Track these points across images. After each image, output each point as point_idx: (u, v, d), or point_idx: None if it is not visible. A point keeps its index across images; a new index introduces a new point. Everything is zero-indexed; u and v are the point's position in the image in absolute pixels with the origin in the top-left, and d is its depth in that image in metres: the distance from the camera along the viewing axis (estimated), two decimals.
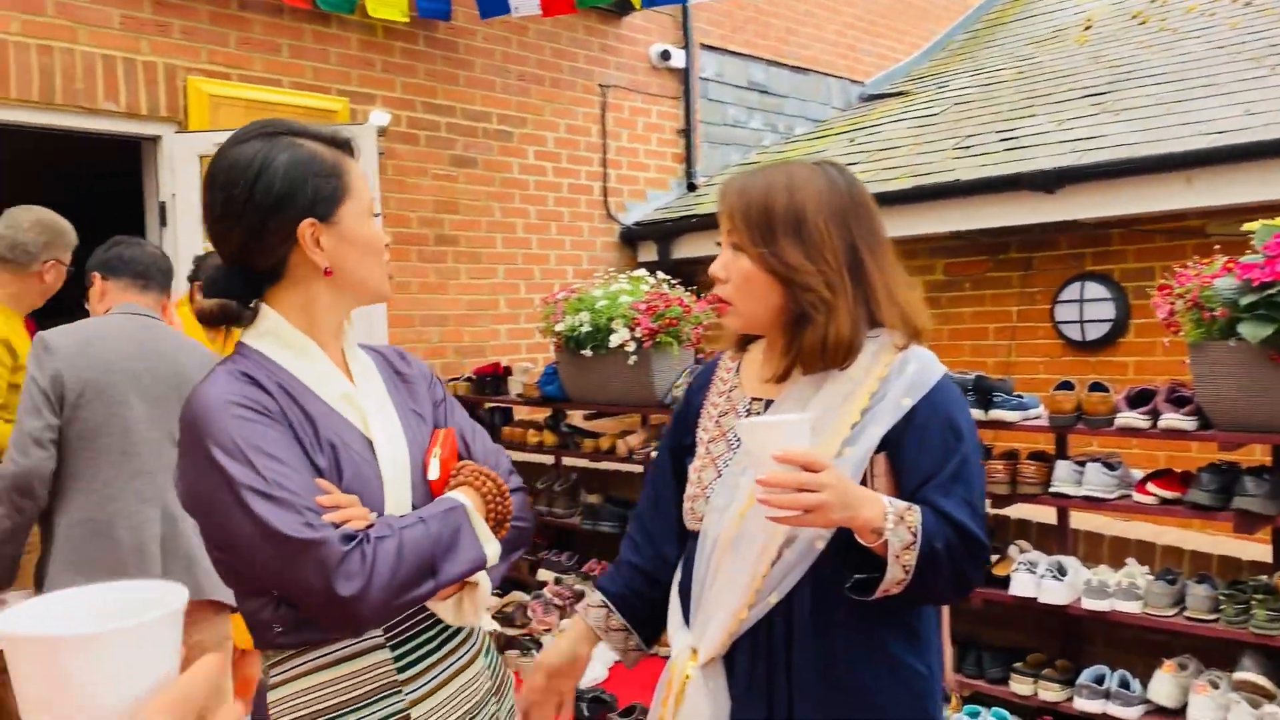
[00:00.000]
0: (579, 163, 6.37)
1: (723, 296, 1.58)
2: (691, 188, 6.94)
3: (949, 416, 1.52)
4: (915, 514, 1.43)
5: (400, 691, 1.37)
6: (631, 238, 6.60)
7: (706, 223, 6.08)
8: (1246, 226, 2.87)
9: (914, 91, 7.79)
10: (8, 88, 4.14)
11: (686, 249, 6.36)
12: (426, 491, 1.42)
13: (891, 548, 1.41)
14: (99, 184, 6.52)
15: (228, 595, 2.63)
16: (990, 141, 5.72)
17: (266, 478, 1.24)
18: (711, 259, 1.62)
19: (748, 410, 1.63)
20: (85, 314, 2.79)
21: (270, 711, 1.35)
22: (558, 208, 6.24)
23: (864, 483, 1.50)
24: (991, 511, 3.65)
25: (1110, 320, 5.11)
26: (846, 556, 1.46)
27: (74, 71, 4.33)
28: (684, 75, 6.95)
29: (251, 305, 1.42)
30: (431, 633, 1.42)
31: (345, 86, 5.21)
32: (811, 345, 1.51)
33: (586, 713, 3.55)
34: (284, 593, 1.29)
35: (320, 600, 1.23)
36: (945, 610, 1.74)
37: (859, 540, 1.43)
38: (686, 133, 6.98)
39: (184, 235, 4.55)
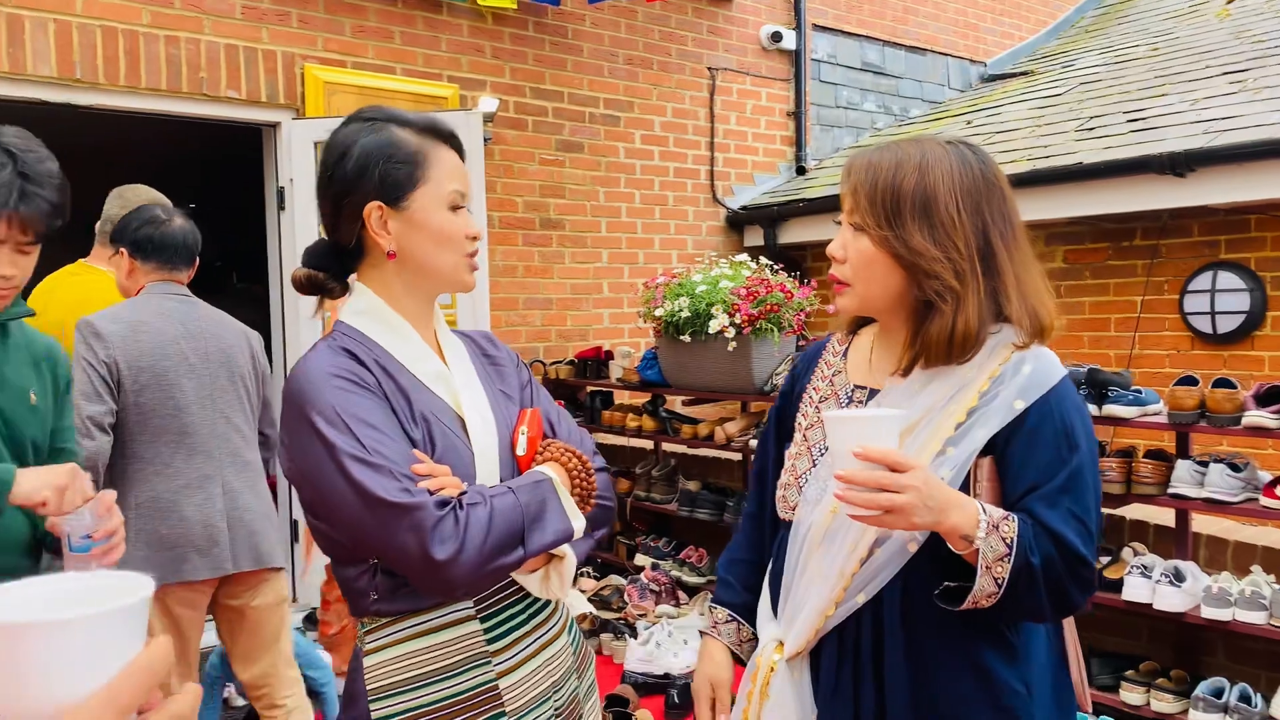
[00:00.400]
0: (686, 146, 6.32)
1: (840, 277, 1.50)
2: (801, 171, 6.82)
3: (1064, 423, 1.41)
4: (1012, 523, 1.34)
5: (490, 662, 1.40)
6: (738, 222, 6.53)
7: (814, 206, 5.97)
8: None
9: (1038, 71, 7.47)
10: (138, 77, 4.35)
11: (794, 233, 6.25)
12: (514, 467, 1.46)
13: (983, 558, 1.33)
14: (220, 170, 6.81)
15: (281, 561, 2.76)
16: (1116, 122, 5.43)
17: (366, 445, 1.28)
18: (819, 243, 1.59)
19: (849, 398, 1.57)
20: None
21: (365, 677, 1.39)
22: (663, 192, 6.22)
23: (965, 487, 1.41)
24: (1104, 511, 3.48)
25: (1245, 312, 4.80)
26: (941, 561, 1.39)
27: (198, 61, 4.51)
28: (795, 57, 6.82)
29: (346, 280, 1.50)
30: (519, 606, 1.45)
31: (455, 73, 5.29)
32: (939, 337, 1.42)
33: (677, 699, 3.54)
34: (382, 557, 1.33)
35: (417, 563, 1.26)
36: (1069, 625, 1.62)
37: (949, 545, 1.36)
38: (797, 115, 6.85)
39: (300, 219, 4.70)
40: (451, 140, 1.47)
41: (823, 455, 1.53)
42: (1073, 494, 1.38)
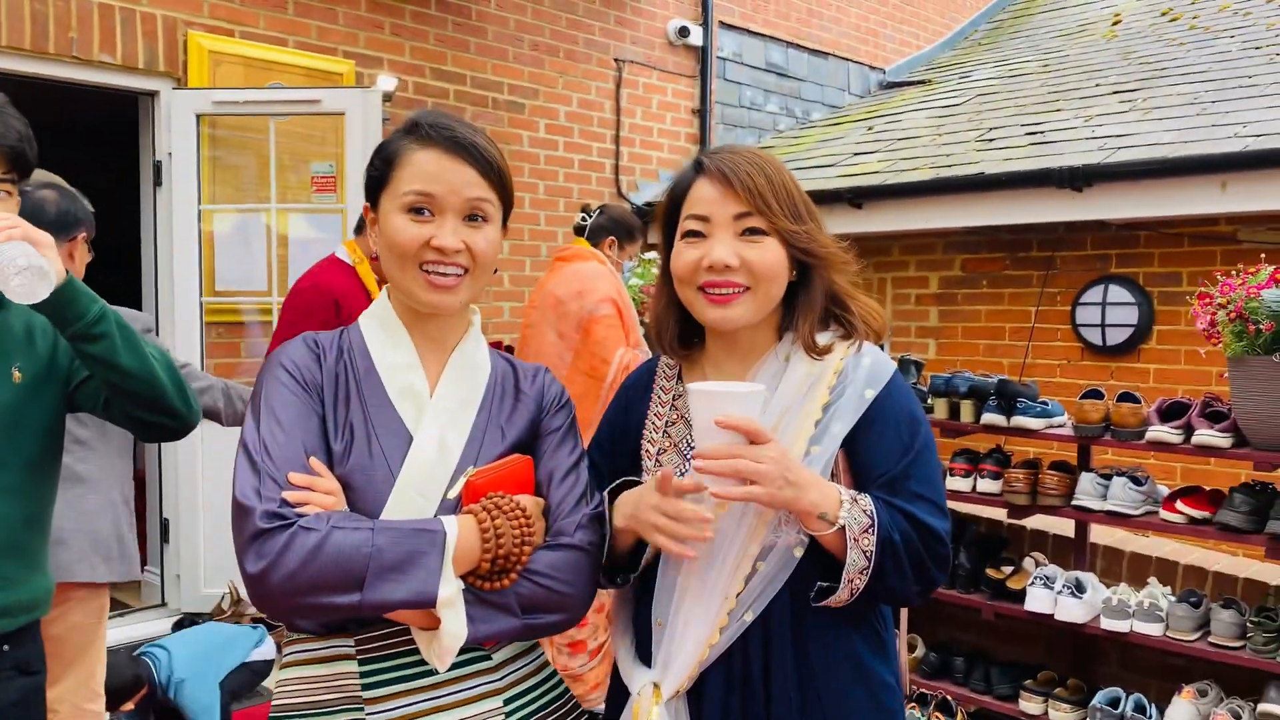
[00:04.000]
0: (591, 138, 6.18)
1: (738, 283, 1.41)
2: None
3: (907, 410, 1.45)
4: (868, 499, 1.36)
5: (361, 709, 1.28)
6: (642, 218, 6.40)
7: None
8: None
9: (935, 81, 7.60)
10: None
11: None
12: (456, 507, 1.31)
13: (849, 531, 1.32)
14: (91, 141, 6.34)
15: (95, 576, 2.48)
16: (1015, 135, 5.54)
17: (260, 436, 1.25)
18: None
19: None
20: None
21: (274, 694, 1.36)
22: (567, 184, 6.07)
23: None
24: (1008, 521, 3.51)
25: (1133, 325, 4.95)
26: (823, 566, 1.37)
27: (68, 19, 4.14)
28: (701, 54, 6.76)
29: None
30: (412, 657, 1.29)
31: (352, 49, 5.02)
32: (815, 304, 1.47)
33: None
34: None
35: (241, 569, 1.21)
36: (904, 615, 1.69)
37: (806, 528, 1.34)
38: (702, 113, 6.79)
39: (179, 195, 4.38)
40: (441, 140, 1.33)
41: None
42: (918, 476, 1.41)
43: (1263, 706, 2.79)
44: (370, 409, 1.32)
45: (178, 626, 4.00)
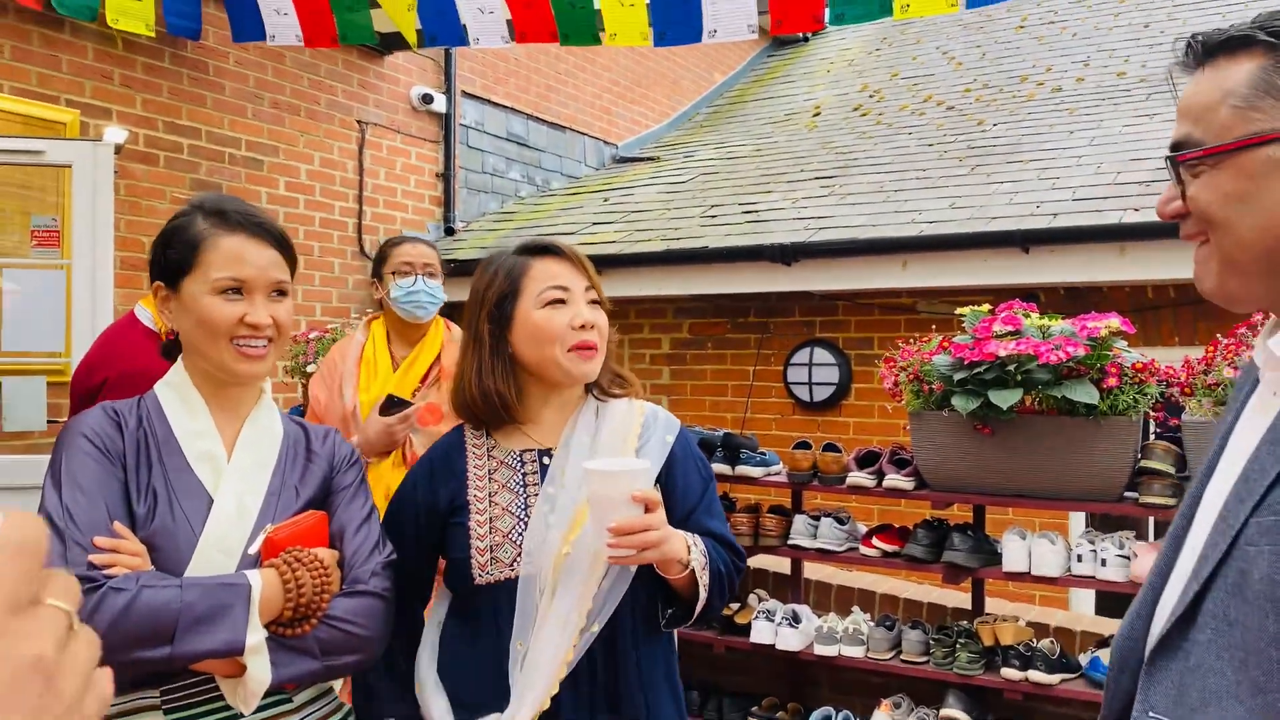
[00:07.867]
0: (333, 197, 6.18)
1: (595, 343, 1.68)
2: (450, 232, 6.92)
3: (696, 454, 1.77)
4: (698, 540, 1.61)
5: None
6: None
7: (466, 269, 6.06)
8: (959, 311, 3.26)
9: (664, 158, 8.20)
10: None
11: (446, 293, 6.29)
12: (256, 563, 1.42)
13: (696, 571, 1.57)
14: None
15: None
16: (734, 213, 6.13)
17: (63, 503, 1.33)
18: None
19: (523, 460, 1.68)
20: None
21: None
22: (308, 241, 6.02)
23: None
24: None
25: (834, 384, 5.59)
26: (641, 576, 1.58)
27: None
28: (444, 120, 6.95)
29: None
30: (217, 704, 1.38)
31: (77, 98, 4.80)
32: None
33: None
34: None
35: None
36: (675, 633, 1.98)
37: (666, 574, 1.56)
38: (446, 177, 6.96)
39: None
40: (247, 226, 1.49)
41: (526, 510, 1.62)
42: (716, 504, 1.74)
43: (944, 712, 3.27)
44: (171, 474, 1.41)
45: None
